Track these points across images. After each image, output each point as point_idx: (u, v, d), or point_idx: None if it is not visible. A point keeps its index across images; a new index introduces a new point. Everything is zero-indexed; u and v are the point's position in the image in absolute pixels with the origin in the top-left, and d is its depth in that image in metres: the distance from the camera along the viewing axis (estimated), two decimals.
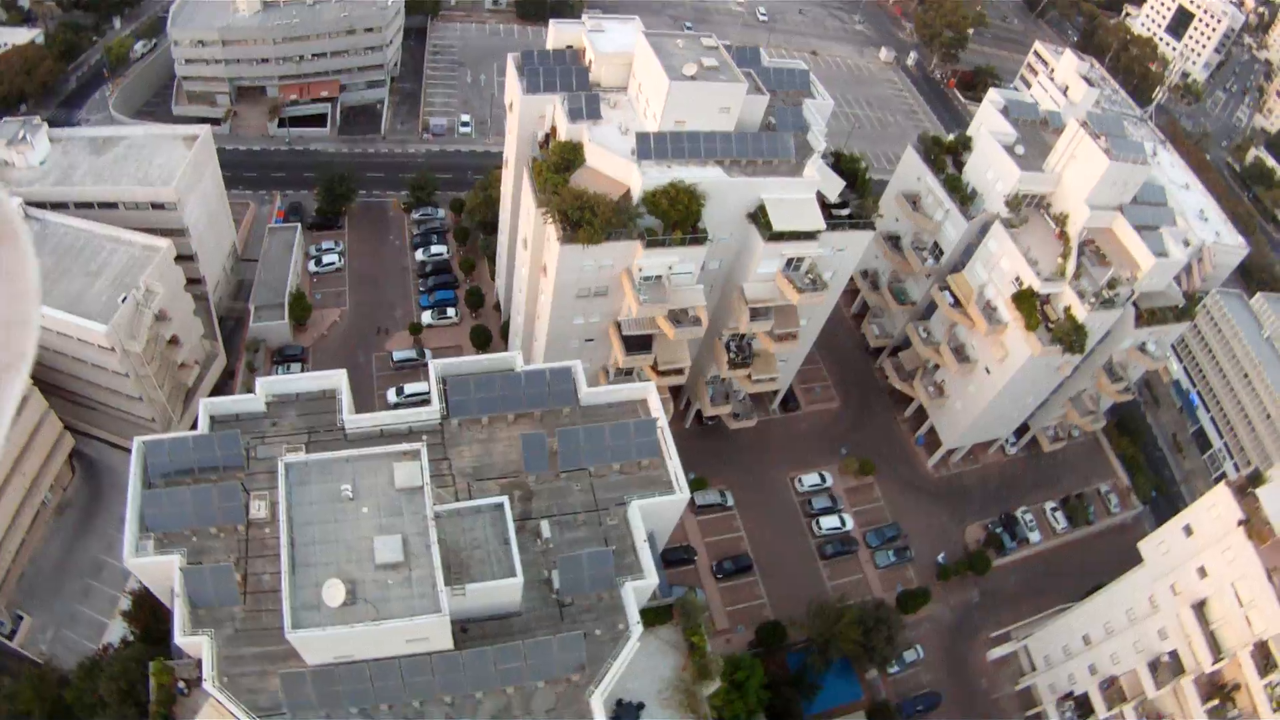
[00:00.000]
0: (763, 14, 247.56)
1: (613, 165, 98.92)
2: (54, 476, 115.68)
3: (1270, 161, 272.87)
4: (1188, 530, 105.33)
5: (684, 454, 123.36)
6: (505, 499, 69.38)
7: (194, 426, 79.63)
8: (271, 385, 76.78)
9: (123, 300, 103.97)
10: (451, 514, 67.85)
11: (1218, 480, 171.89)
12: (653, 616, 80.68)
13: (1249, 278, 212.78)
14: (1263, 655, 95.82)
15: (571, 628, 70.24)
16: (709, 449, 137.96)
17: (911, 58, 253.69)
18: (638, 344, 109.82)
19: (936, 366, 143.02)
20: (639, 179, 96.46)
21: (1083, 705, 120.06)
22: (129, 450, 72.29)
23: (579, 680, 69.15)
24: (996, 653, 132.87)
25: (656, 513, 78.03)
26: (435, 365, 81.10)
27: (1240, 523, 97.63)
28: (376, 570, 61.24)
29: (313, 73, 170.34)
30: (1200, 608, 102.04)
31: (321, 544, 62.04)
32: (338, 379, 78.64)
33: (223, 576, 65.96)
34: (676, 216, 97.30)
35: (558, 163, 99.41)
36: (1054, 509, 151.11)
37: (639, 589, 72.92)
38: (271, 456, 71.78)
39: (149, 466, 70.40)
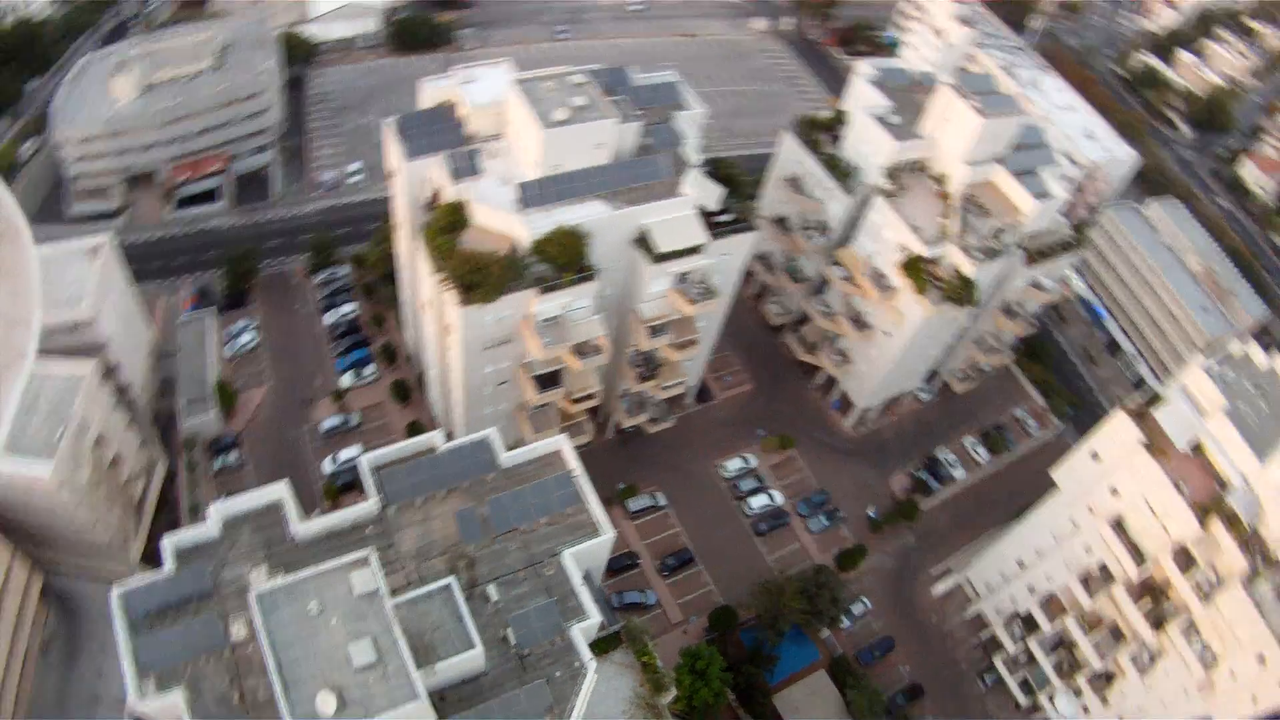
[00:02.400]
0: (634, 4, 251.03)
1: (498, 220, 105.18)
2: (34, 616, 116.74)
3: (1154, 62, 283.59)
4: (1095, 456, 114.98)
5: (611, 465, 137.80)
6: (452, 579, 78.89)
7: (153, 543, 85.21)
8: (222, 510, 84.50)
9: (59, 438, 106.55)
10: (408, 603, 76.92)
11: (1136, 385, 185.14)
12: (604, 645, 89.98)
13: (1144, 181, 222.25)
14: (1183, 556, 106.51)
15: (534, 676, 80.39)
16: (634, 455, 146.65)
17: (786, 23, 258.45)
18: (548, 381, 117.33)
19: (838, 336, 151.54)
20: (525, 230, 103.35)
21: (1028, 622, 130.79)
22: (94, 578, 78.85)
23: None
24: (940, 588, 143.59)
25: (587, 555, 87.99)
26: (364, 462, 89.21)
27: (1142, 443, 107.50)
28: (356, 673, 70.33)
29: (200, 149, 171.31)
30: (1118, 523, 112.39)
31: (303, 659, 70.92)
32: (280, 491, 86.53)
33: (223, 704, 74.90)
34: (565, 260, 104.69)
35: (445, 226, 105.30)
36: (974, 444, 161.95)
37: (585, 629, 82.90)
38: (238, 576, 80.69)
39: (130, 611, 78.10)
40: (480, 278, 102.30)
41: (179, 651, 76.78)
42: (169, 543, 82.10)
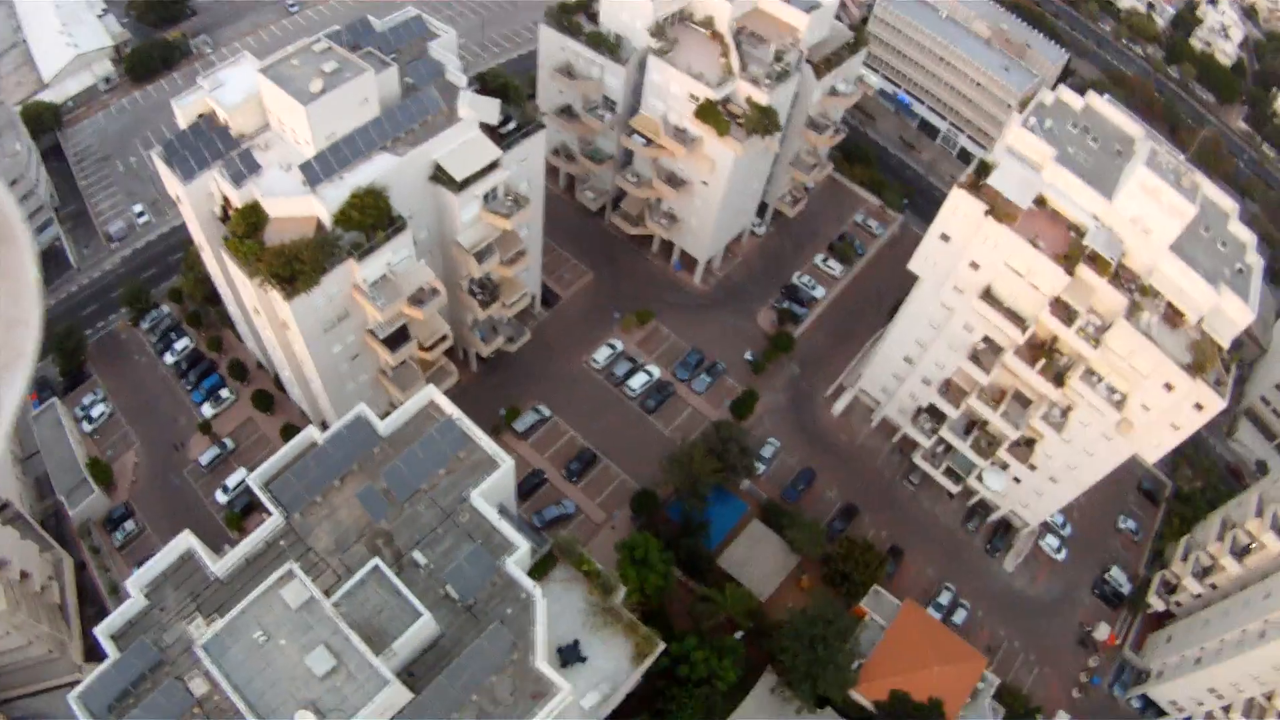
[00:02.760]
0: None
1: (294, 206, 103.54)
2: None
3: None
4: (944, 238, 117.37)
5: (486, 395, 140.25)
6: (376, 560, 79.37)
7: (90, 638, 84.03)
8: (138, 580, 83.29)
9: None
10: (345, 598, 77.27)
11: (962, 159, 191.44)
12: (542, 568, 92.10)
13: None
14: (1062, 308, 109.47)
15: (488, 621, 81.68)
16: (505, 379, 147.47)
17: None
18: (397, 338, 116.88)
19: (658, 201, 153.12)
20: (322, 207, 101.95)
21: (935, 413, 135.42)
22: (47, 689, 77.20)
23: (519, 656, 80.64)
24: (839, 407, 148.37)
25: (495, 490, 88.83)
26: (253, 479, 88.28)
27: (986, 213, 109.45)
28: (323, 681, 71.39)
29: None
30: (988, 294, 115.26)
31: (269, 688, 71.65)
32: (185, 541, 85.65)
33: None
34: (372, 220, 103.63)
35: (246, 230, 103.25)
36: (824, 259, 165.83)
37: (518, 559, 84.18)
38: (179, 635, 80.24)
39: (93, 710, 77.18)
40: (296, 267, 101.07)
41: None
42: (102, 631, 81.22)
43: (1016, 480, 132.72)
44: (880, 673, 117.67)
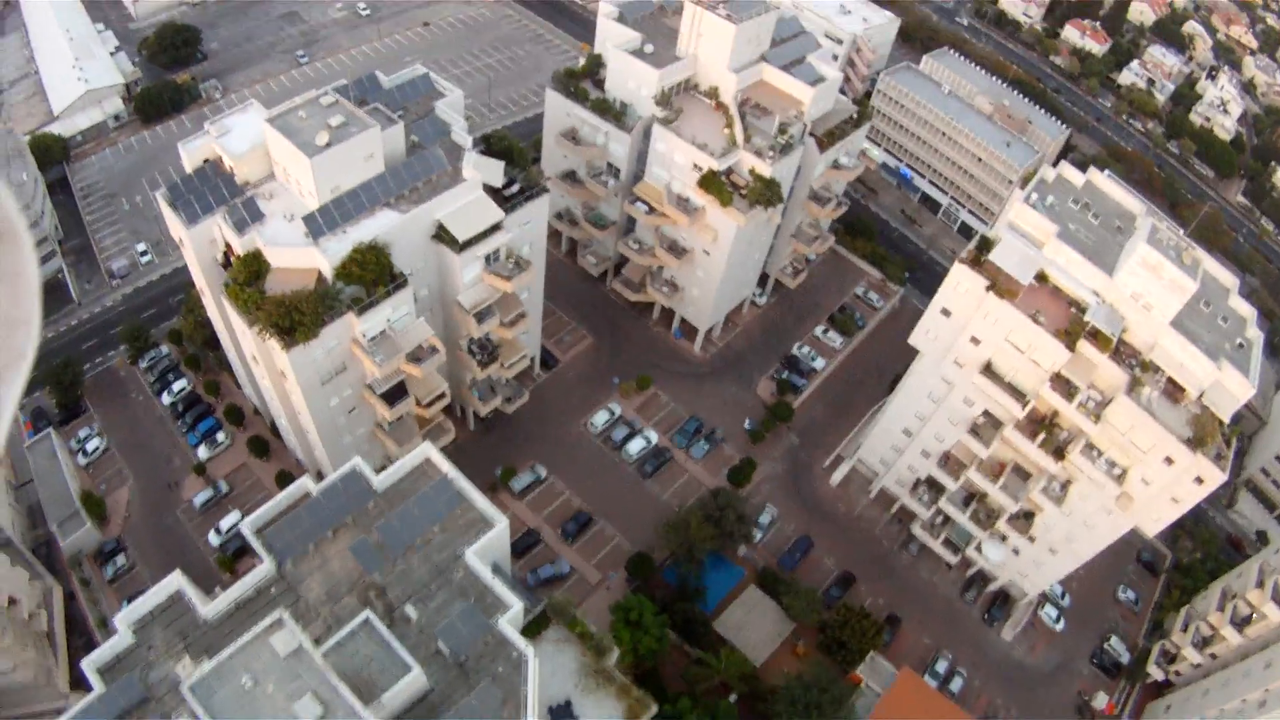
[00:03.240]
0: (363, 9, 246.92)
1: (295, 257, 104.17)
2: None
3: None
4: (945, 312, 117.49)
5: (483, 453, 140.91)
6: (368, 611, 79.49)
7: (76, 669, 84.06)
8: (127, 616, 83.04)
9: None
10: (334, 648, 77.33)
11: (963, 233, 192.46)
12: (535, 627, 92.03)
13: (910, 40, 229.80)
14: (1062, 384, 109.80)
15: (479, 679, 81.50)
16: (502, 438, 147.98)
17: None
18: (395, 394, 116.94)
19: (660, 268, 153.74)
20: (324, 260, 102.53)
21: (933, 485, 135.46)
22: (30, 715, 76.96)
23: (510, 715, 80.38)
24: (837, 477, 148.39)
25: (489, 548, 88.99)
26: (246, 528, 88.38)
27: (987, 288, 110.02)
28: None
29: None
30: (988, 369, 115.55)
31: None
32: (175, 580, 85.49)
33: None
34: (373, 275, 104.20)
35: (246, 278, 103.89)
36: (824, 331, 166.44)
37: (511, 618, 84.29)
38: (165, 674, 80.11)
39: None
40: (296, 318, 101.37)
41: None
42: (88, 664, 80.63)
43: (1015, 552, 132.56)
44: None
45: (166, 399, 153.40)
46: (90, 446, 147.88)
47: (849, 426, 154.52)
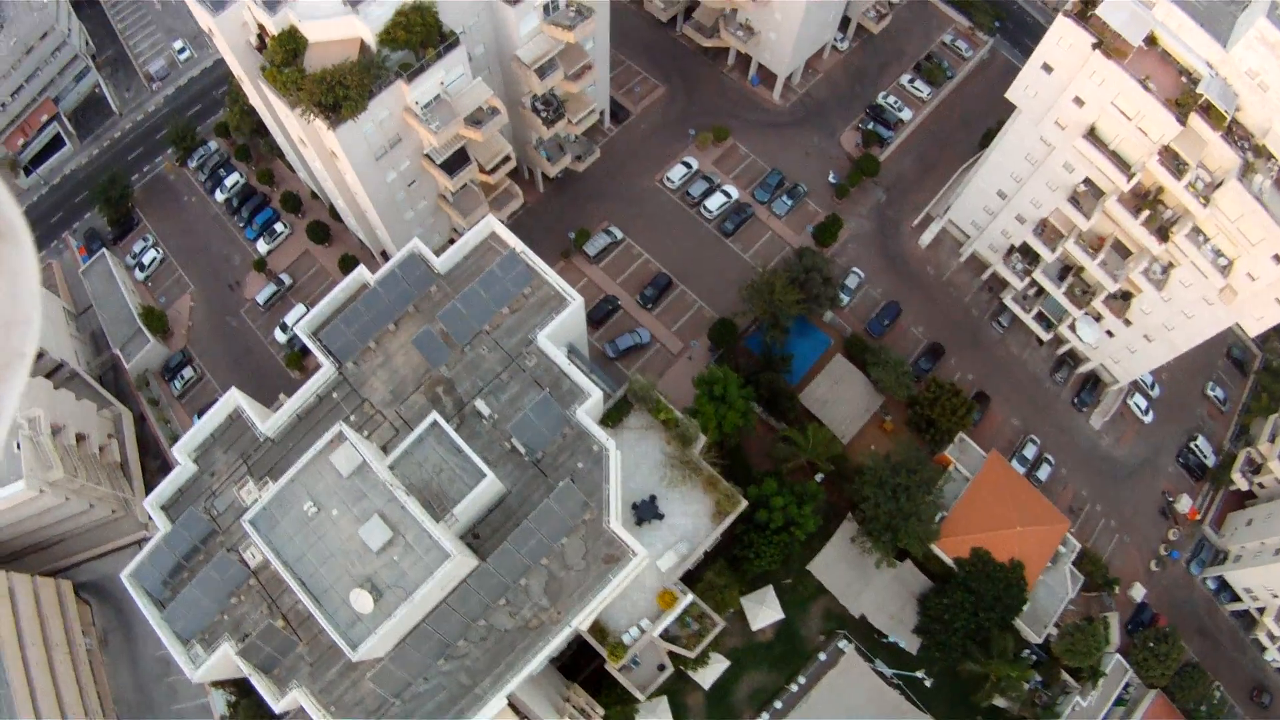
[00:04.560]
0: None
1: (334, 28, 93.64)
2: (80, 624, 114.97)
3: None
4: (1047, 68, 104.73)
5: (555, 217, 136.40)
6: (434, 414, 71.16)
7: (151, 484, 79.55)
8: (186, 445, 76.96)
9: (18, 447, 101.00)
10: (400, 459, 69.35)
11: None
12: (615, 414, 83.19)
13: None
14: (1171, 157, 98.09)
15: (558, 477, 73.50)
16: (574, 199, 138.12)
17: None
18: (455, 162, 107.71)
19: (734, 10, 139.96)
20: (364, 26, 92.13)
21: (1028, 253, 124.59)
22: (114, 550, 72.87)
23: (591, 517, 72.51)
24: (926, 238, 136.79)
25: (563, 330, 79.80)
26: (301, 327, 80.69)
27: (1094, 46, 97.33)
28: (379, 555, 64.29)
29: (21, 110, 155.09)
30: (1092, 134, 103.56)
31: (323, 565, 65.03)
32: (233, 398, 78.48)
33: (272, 636, 69.61)
34: (420, 37, 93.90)
35: (284, 59, 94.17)
36: (911, 80, 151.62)
37: (590, 408, 75.28)
38: (230, 502, 74.24)
39: (149, 588, 72.66)
40: (340, 93, 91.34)
41: (208, 605, 72.05)
42: (151, 503, 76.21)
43: (1109, 334, 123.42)
44: (962, 528, 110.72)
45: (220, 196, 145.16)
46: (146, 259, 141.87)
47: (938, 184, 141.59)
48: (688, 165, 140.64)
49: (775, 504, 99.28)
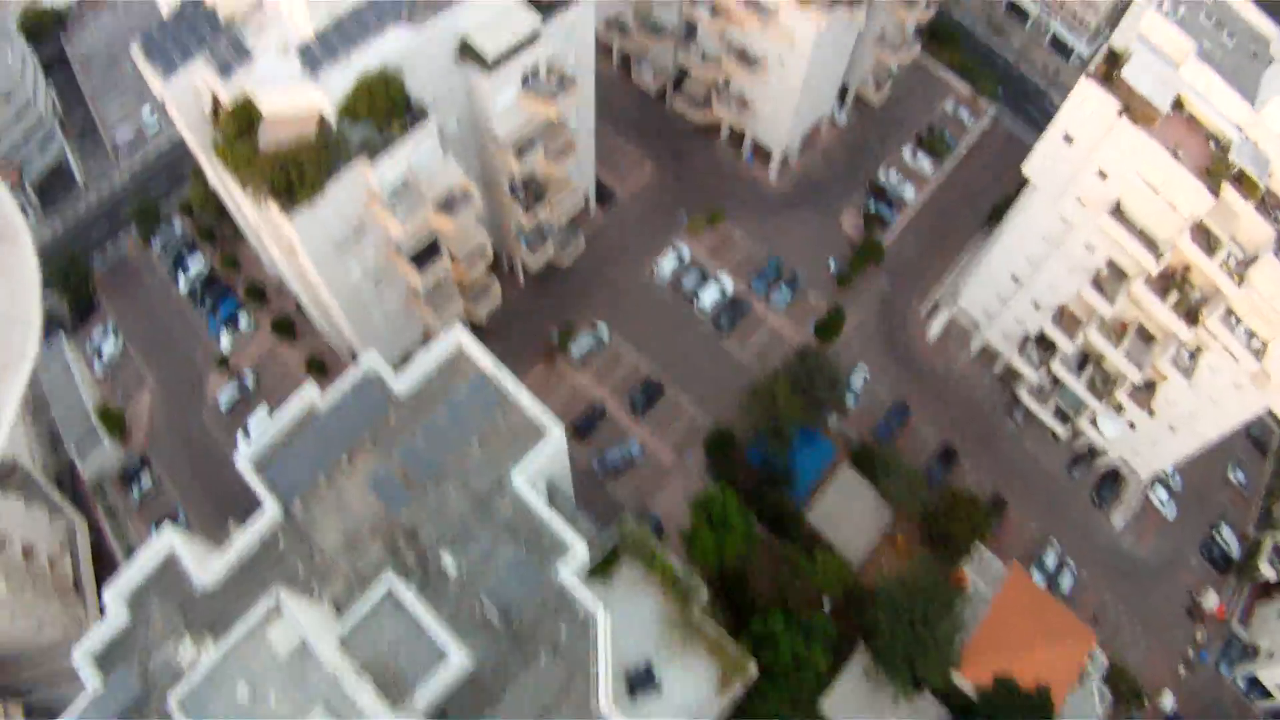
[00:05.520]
0: None
1: (289, 98, 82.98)
2: None
3: None
4: (1068, 139, 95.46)
5: (537, 313, 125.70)
6: (389, 579, 59.19)
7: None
8: (119, 590, 64.66)
9: None
10: (352, 631, 57.75)
11: (1053, 46, 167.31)
12: (602, 567, 70.78)
13: None
14: (1202, 234, 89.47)
15: (535, 647, 61.25)
16: (557, 293, 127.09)
17: None
18: (426, 255, 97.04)
19: (728, 82, 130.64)
20: (323, 96, 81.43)
21: (1044, 343, 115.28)
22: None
23: (577, 697, 60.09)
24: (935, 328, 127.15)
25: (543, 465, 67.82)
26: (242, 460, 69.04)
27: (1120, 112, 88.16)
28: None
29: None
30: (1117, 210, 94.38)
31: None
32: (166, 541, 66.38)
33: None
34: (384, 111, 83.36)
35: (236, 132, 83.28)
36: (912, 153, 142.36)
37: (575, 564, 62.67)
38: (166, 661, 62.21)
39: None
40: (294, 174, 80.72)
41: None
42: (82, 655, 63.07)
43: (1131, 426, 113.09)
44: (984, 652, 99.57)
45: (183, 282, 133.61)
46: (106, 350, 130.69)
47: (945, 266, 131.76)
48: (679, 254, 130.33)
49: (782, 643, 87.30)
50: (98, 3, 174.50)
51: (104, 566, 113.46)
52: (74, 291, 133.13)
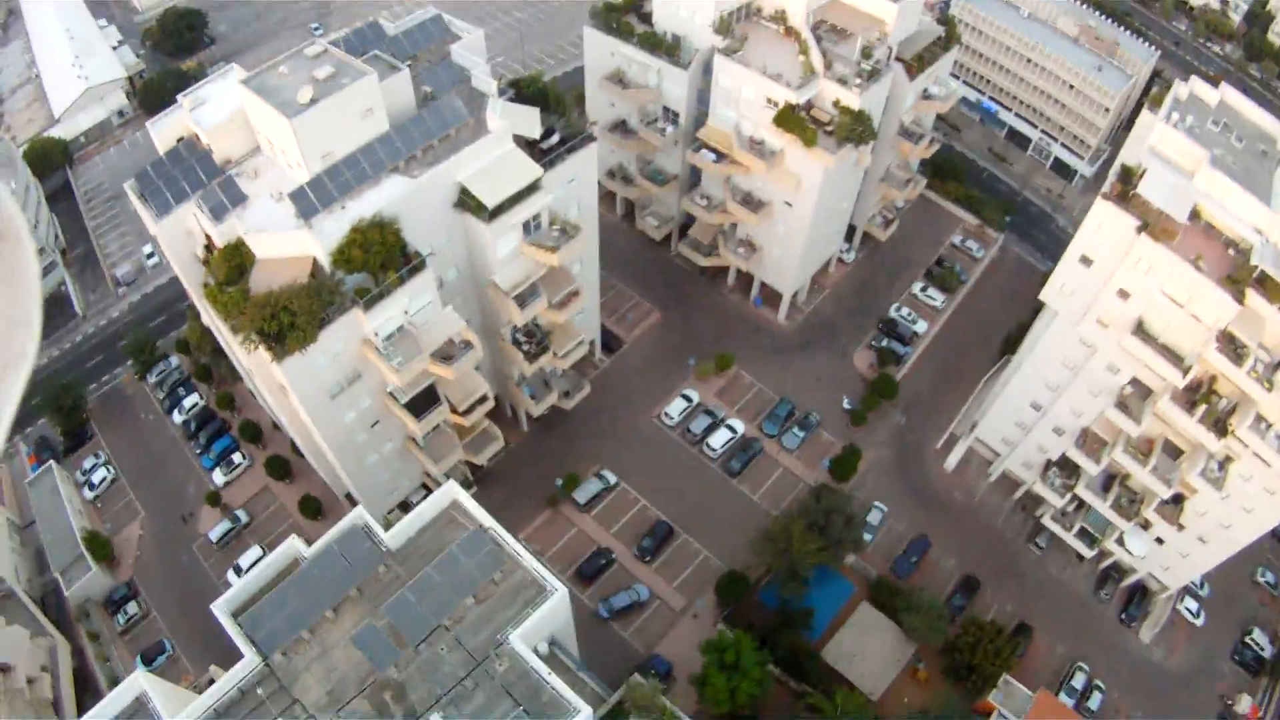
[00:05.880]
0: None
1: (283, 244, 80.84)
2: None
3: None
4: (1085, 261, 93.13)
5: (540, 460, 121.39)
6: None
7: None
8: None
9: None
10: None
11: (1055, 168, 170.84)
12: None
13: None
14: (1229, 343, 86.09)
15: None
16: (562, 439, 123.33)
17: None
18: (424, 402, 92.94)
19: (734, 226, 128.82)
20: (318, 243, 79.05)
21: (1065, 466, 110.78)
22: None
23: None
24: (952, 460, 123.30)
25: (543, 626, 63.31)
26: (219, 606, 64.31)
27: (1139, 229, 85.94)
28: None
29: None
30: (1140, 328, 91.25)
31: None
32: (136, 683, 62.64)
33: None
34: (380, 258, 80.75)
35: (227, 276, 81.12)
36: (923, 288, 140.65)
37: None
38: None
39: None
40: (286, 320, 77.59)
41: None
42: None
43: (1159, 541, 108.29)
44: None
45: (178, 417, 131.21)
46: (97, 478, 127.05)
47: (960, 399, 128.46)
48: (688, 398, 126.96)
49: None
50: (105, 138, 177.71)
51: (85, 689, 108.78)
52: (66, 419, 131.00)
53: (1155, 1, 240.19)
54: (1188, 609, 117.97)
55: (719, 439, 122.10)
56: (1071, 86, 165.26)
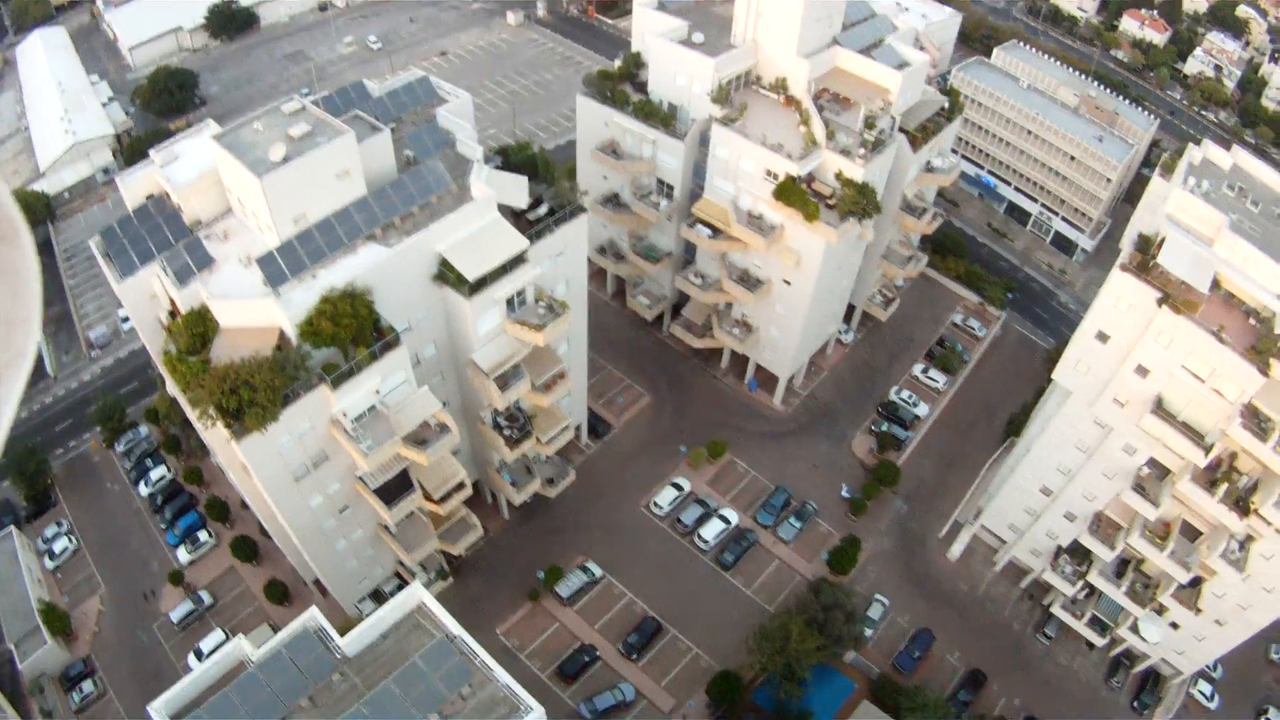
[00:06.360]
0: (374, 42, 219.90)
1: (249, 313, 75.17)
2: None
3: None
4: (1102, 337, 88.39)
5: (522, 550, 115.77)
6: None
7: None
8: None
9: None
10: None
11: (1055, 243, 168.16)
12: None
13: (969, 41, 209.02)
14: (1253, 417, 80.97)
15: None
16: (545, 528, 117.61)
17: (540, 7, 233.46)
18: (395, 488, 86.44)
19: (729, 306, 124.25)
20: (284, 313, 73.28)
21: (1078, 553, 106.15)
22: None
23: None
24: (956, 549, 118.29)
25: None
26: (157, 712, 58.02)
27: (1160, 301, 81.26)
28: None
29: None
30: (1159, 407, 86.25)
31: None
32: None
33: None
34: (351, 332, 74.73)
35: (189, 345, 74.90)
36: (924, 370, 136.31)
37: None
38: None
39: None
40: (246, 396, 71.02)
41: None
42: None
43: (1174, 626, 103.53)
44: None
45: (144, 489, 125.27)
46: (58, 547, 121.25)
47: (964, 484, 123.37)
48: (679, 487, 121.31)
49: None
50: (89, 195, 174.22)
51: None
52: (30, 483, 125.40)
53: (1150, 71, 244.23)
54: (1201, 693, 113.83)
55: (711, 530, 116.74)
56: (1072, 158, 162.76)
